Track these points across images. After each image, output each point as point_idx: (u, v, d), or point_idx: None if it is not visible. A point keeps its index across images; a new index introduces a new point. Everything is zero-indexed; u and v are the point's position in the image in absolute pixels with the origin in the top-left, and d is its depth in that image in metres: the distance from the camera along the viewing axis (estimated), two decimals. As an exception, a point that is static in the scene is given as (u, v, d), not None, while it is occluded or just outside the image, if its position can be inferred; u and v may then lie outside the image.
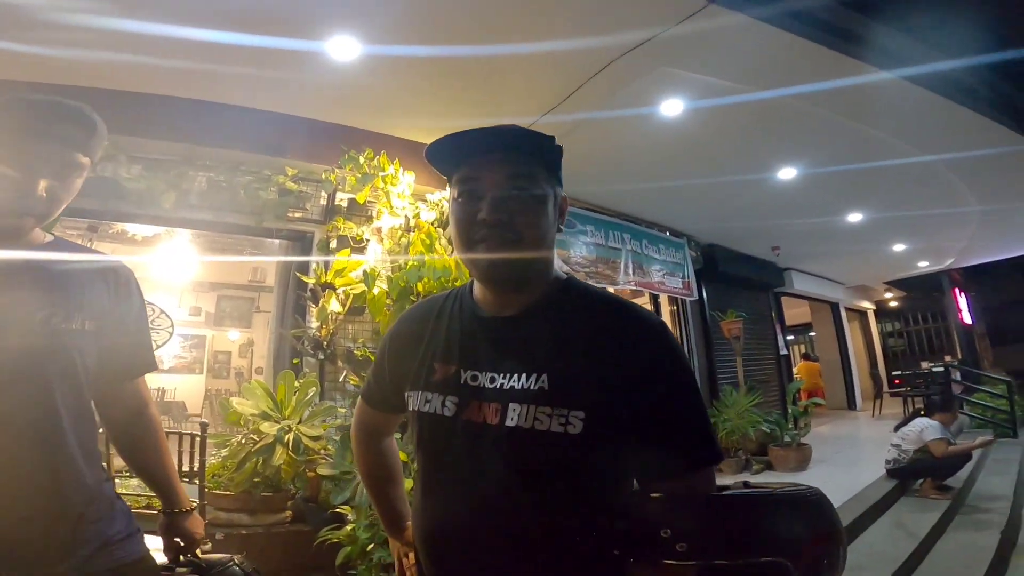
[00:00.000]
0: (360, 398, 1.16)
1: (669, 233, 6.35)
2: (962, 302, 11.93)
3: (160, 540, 1.19)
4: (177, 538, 1.19)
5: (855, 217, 6.44)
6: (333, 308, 3.52)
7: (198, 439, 2.83)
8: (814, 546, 0.70)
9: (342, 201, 3.83)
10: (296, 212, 3.74)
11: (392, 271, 3.54)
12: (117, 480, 2.68)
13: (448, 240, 3.59)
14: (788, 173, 4.93)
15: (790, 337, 10.65)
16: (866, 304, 12.91)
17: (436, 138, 0.86)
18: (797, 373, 10.59)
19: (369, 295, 3.38)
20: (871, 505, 3.91)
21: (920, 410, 5.05)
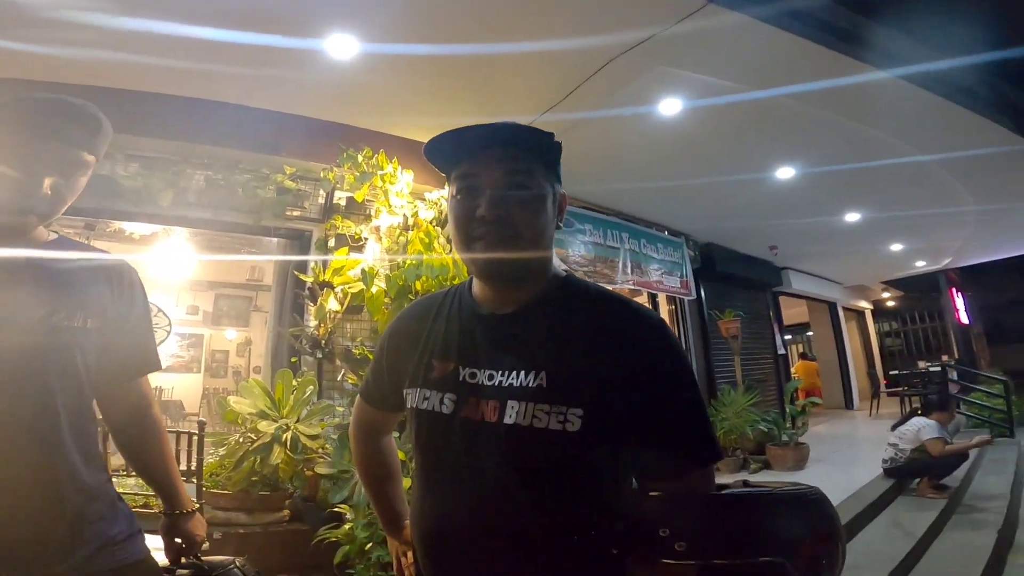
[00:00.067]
0: (359, 396, 1.16)
1: (667, 232, 6.36)
2: (959, 302, 11.97)
3: (160, 540, 1.18)
4: (178, 539, 1.18)
5: (853, 217, 6.45)
6: (331, 307, 3.52)
7: (196, 438, 2.82)
8: (813, 545, 0.70)
9: (340, 200, 3.83)
10: (294, 211, 3.73)
11: (390, 270, 3.54)
12: (114, 479, 2.67)
13: (447, 239, 3.59)
14: (786, 173, 4.94)
15: (788, 337, 10.68)
16: (863, 304, 12.94)
17: (434, 136, 0.85)
18: (795, 372, 10.62)
19: (367, 294, 3.38)
20: (868, 504, 3.91)
21: (917, 409, 5.05)
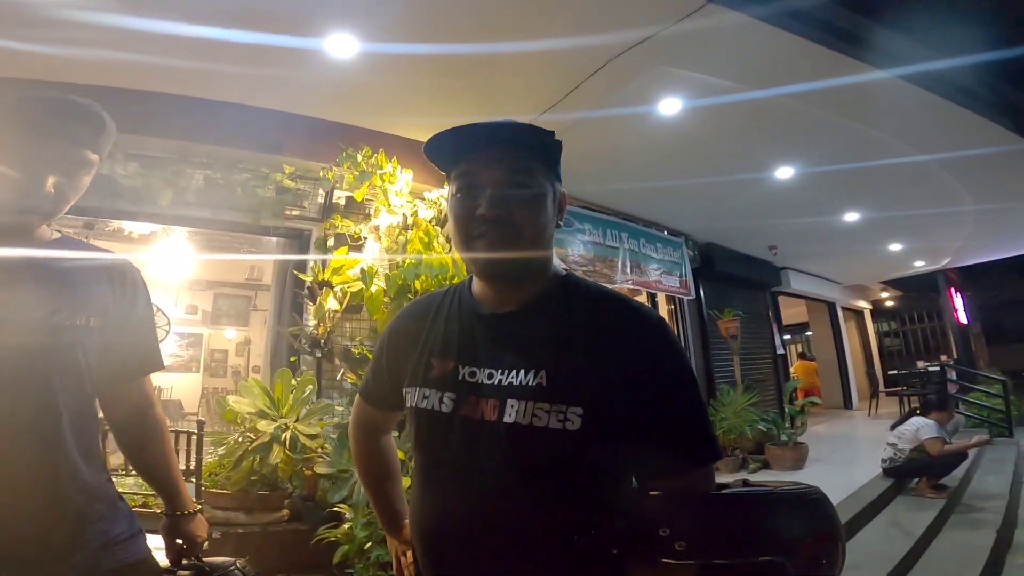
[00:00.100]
0: (358, 395, 1.15)
1: (667, 232, 6.36)
2: (958, 302, 11.99)
3: (160, 539, 1.18)
4: (179, 540, 1.17)
5: (852, 217, 6.46)
6: (330, 306, 3.51)
7: (195, 437, 2.82)
8: (814, 545, 0.70)
9: (340, 199, 3.82)
10: (294, 210, 3.73)
11: (390, 269, 3.54)
12: (112, 478, 2.66)
13: (446, 238, 3.58)
14: (785, 172, 4.94)
15: (787, 336, 10.69)
16: (862, 304, 12.95)
17: (435, 134, 0.85)
18: (794, 372, 10.63)
19: (367, 293, 3.38)
20: (867, 504, 3.92)
21: (916, 409, 5.05)
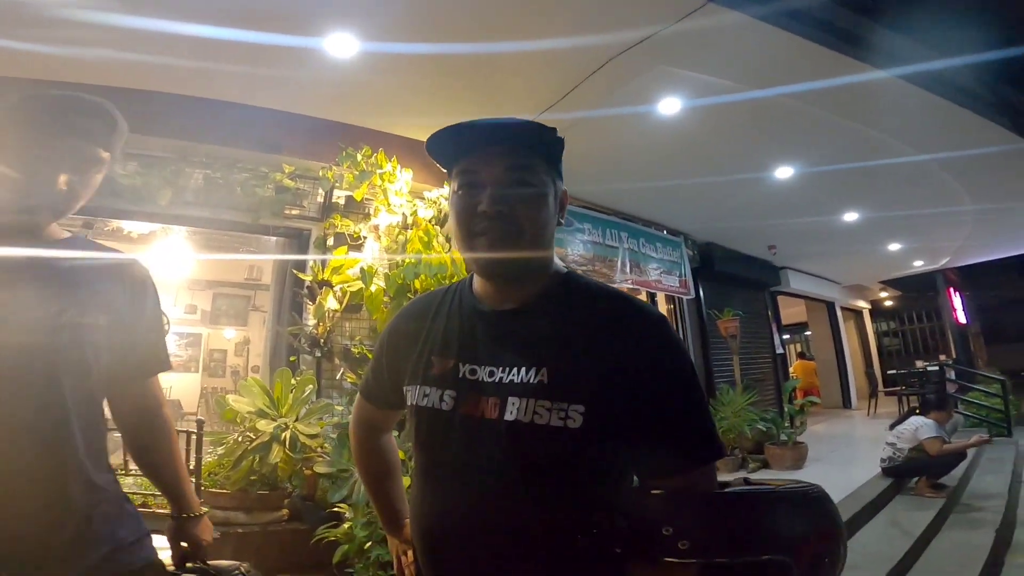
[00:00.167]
0: (358, 394, 1.15)
1: (666, 232, 6.36)
2: (957, 301, 12.02)
3: (163, 538, 1.16)
4: (184, 543, 1.16)
5: (851, 216, 6.46)
6: (330, 305, 3.51)
7: (194, 437, 2.82)
8: (816, 543, 0.70)
9: (339, 198, 3.82)
10: (293, 209, 3.72)
11: (389, 268, 3.53)
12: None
13: (445, 237, 3.58)
14: (785, 172, 4.94)
15: (786, 336, 10.69)
16: (862, 303, 12.97)
17: (436, 131, 0.85)
18: (793, 372, 10.63)
19: (366, 292, 3.37)
20: (866, 503, 3.92)
21: (915, 409, 5.06)
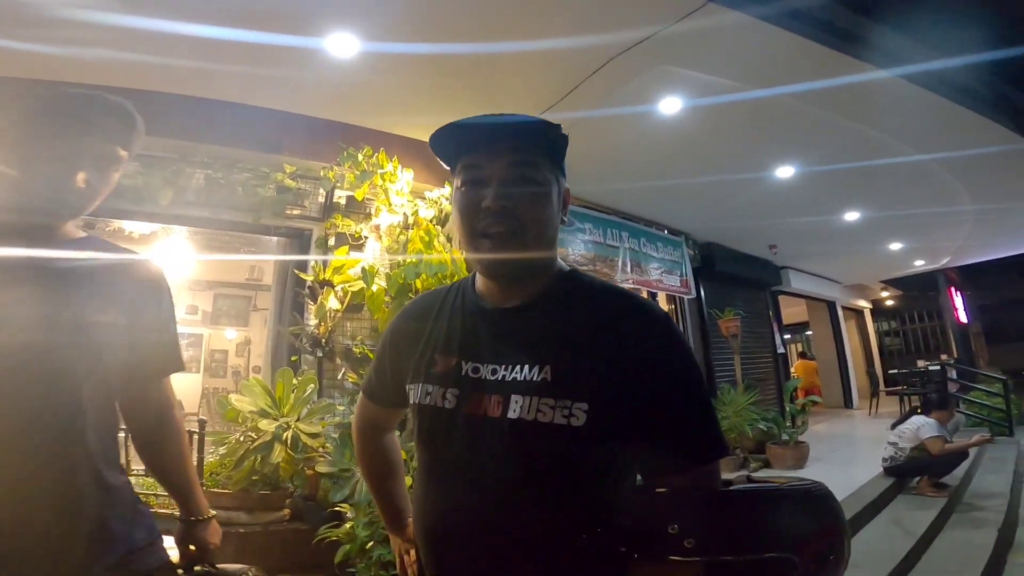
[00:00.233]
0: (361, 393, 1.15)
1: (667, 231, 6.35)
2: (958, 301, 12.02)
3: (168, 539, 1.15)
4: (192, 546, 1.15)
5: (852, 216, 6.45)
6: (331, 305, 3.51)
7: (196, 436, 2.82)
8: (820, 541, 0.70)
9: (340, 198, 3.82)
10: (294, 209, 3.72)
11: (391, 268, 3.53)
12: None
13: (447, 237, 3.58)
14: (786, 172, 4.93)
15: (787, 336, 10.69)
16: (863, 303, 12.95)
17: (440, 127, 0.84)
18: (794, 371, 10.64)
19: (367, 292, 3.37)
20: (868, 503, 3.91)
21: (917, 408, 5.06)
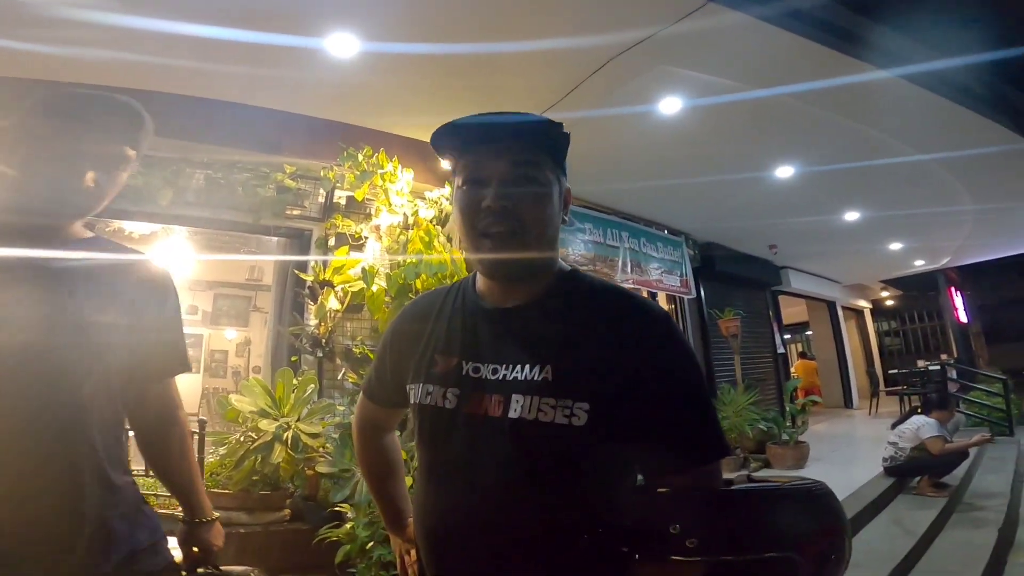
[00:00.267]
0: (361, 393, 1.15)
1: (667, 231, 6.36)
2: (958, 301, 12.02)
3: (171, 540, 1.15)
4: (196, 548, 1.15)
5: (852, 216, 6.45)
6: (331, 305, 3.51)
7: (196, 437, 2.82)
8: (822, 540, 0.70)
9: (340, 199, 3.82)
10: (294, 209, 3.72)
11: (391, 268, 3.53)
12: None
13: (447, 237, 3.58)
14: (786, 172, 4.94)
15: (787, 336, 10.69)
16: (863, 303, 12.95)
17: (441, 125, 0.84)
18: (794, 371, 10.64)
19: (368, 292, 3.37)
20: (869, 503, 3.91)
21: (917, 408, 5.06)
